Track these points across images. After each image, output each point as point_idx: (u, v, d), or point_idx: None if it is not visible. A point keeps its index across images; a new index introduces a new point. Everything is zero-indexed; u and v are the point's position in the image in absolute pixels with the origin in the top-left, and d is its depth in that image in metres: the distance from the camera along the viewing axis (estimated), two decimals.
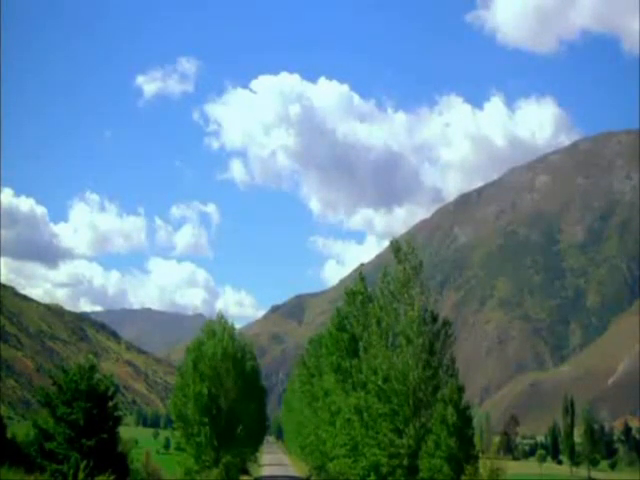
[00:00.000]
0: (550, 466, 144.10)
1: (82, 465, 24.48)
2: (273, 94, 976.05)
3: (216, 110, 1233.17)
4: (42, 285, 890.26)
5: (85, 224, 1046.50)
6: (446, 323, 32.42)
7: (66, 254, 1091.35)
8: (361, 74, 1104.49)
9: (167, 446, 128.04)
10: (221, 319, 59.37)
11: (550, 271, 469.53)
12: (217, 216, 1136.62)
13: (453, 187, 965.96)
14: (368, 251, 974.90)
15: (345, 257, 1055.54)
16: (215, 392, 53.82)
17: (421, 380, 31.08)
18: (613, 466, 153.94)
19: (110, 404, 31.50)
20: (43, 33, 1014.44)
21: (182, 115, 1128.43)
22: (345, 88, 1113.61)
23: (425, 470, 29.73)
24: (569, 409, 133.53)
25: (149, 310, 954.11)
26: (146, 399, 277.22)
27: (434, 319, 32.10)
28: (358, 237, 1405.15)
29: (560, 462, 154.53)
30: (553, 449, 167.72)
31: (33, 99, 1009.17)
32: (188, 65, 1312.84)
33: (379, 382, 32.55)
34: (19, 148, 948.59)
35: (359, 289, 42.79)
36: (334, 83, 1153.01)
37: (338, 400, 42.56)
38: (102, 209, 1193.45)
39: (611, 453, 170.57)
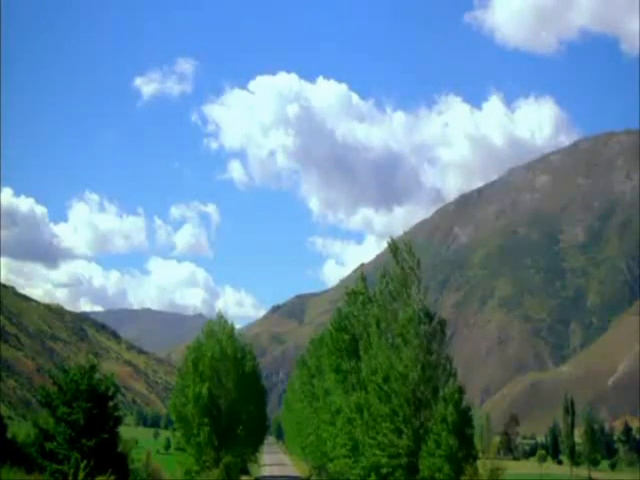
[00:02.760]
0: (550, 466, 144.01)
1: (82, 465, 24.42)
2: (271, 94, 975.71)
3: (214, 111, 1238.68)
4: (42, 285, 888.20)
5: (85, 224, 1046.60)
6: (441, 322, 32.35)
7: (66, 254, 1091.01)
8: (359, 73, 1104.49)
9: (167, 446, 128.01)
10: (221, 319, 59.37)
11: (550, 271, 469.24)
12: (217, 216, 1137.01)
13: (453, 187, 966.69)
14: (368, 251, 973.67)
15: (345, 257, 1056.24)
16: (215, 392, 53.85)
17: (420, 380, 31.08)
18: (613, 466, 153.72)
19: (110, 404, 31.52)
20: (42, 34, 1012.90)
21: (181, 116, 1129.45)
22: (344, 87, 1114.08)
23: (425, 469, 29.73)
24: (569, 409, 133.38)
25: (149, 310, 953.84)
26: (146, 399, 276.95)
27: (430, 318, 32.02)
28: (358, 237, 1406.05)
29: (560, 462, 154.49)
30: (553, 449, 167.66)
31: (33, 99, 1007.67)
32: (186, 66, 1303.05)
33: (379, 382, 32.54)
34: (19, 148, 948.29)
35: (360, 289, 42.74)
36: (332, 83, 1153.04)
37: (338, 400, 42.58)
38: (102, 209, 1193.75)
39: (611, 453, 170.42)
